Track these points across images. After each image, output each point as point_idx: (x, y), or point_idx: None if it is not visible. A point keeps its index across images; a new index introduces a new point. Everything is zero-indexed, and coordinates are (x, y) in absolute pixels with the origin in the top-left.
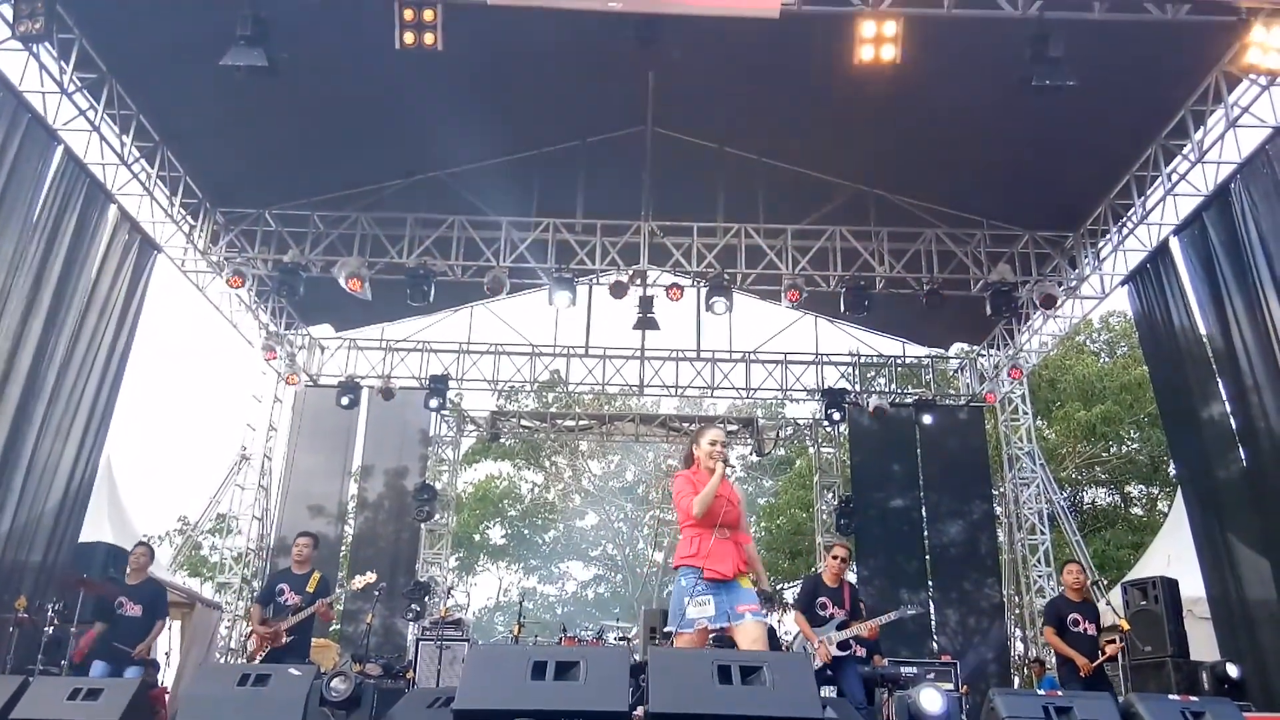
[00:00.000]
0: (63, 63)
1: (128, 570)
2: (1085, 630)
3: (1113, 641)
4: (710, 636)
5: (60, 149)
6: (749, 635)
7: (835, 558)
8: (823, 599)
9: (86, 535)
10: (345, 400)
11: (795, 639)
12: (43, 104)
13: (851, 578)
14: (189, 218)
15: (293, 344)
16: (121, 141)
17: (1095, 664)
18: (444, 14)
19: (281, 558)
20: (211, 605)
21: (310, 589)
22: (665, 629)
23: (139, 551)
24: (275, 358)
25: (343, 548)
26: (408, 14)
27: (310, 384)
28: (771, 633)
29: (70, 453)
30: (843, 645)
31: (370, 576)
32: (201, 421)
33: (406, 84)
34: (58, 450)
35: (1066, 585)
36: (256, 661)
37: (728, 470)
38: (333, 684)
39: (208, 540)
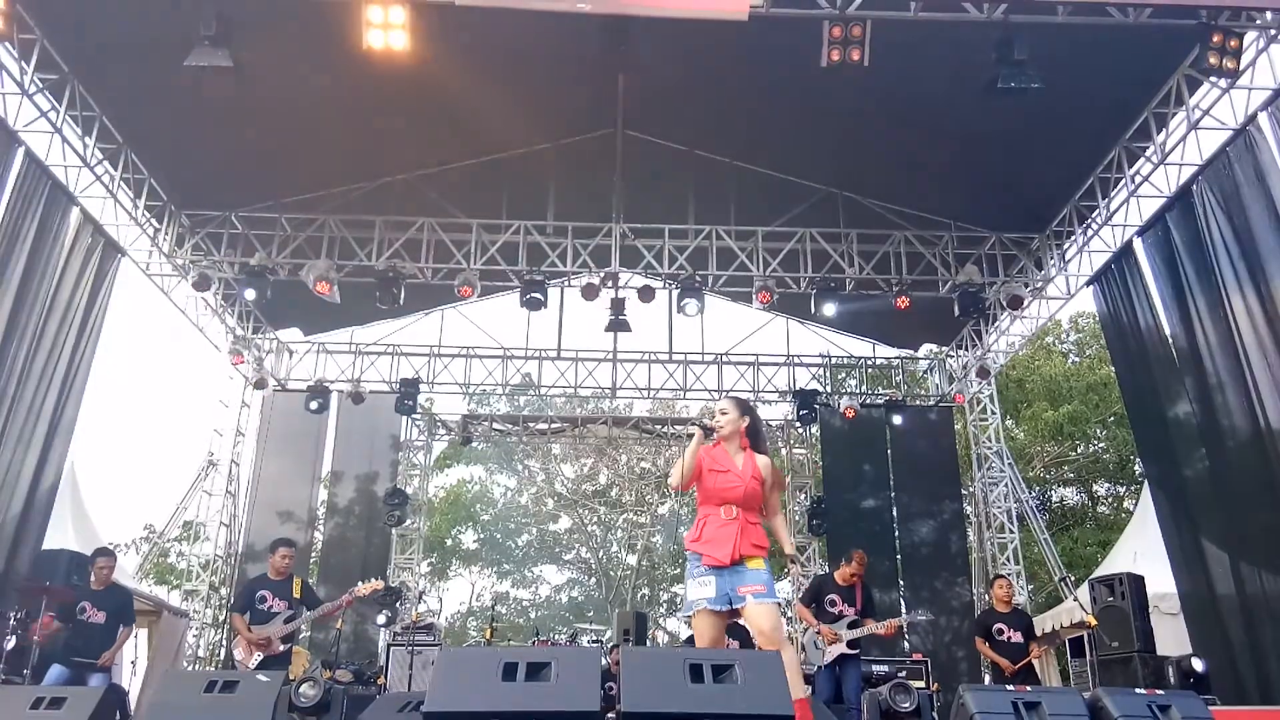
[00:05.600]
0: (23, 63)
1: (92, 579)
2: (1010, 639)
3: (1041, 645)
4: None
5: (21, 151)
6: (754, 621)
7: (852, 561)
8: (832, 595)
9: (50, 543)
10: (314, 405)
11: (805, 632)
12: (2, 105)
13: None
14: (153, 220)
15: (260, 348)
16: (84, 143)
17: (1018, 665)
18: (412, 14)
19: (250, 565)
20: (178, 613)
21: (296, 595)
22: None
23: (101, 563)
24: (242, 362)
25: (313, 554)
26: (375, 15)
27: (278, 388)
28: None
29: (32, 461)
30: (852, 644)
31: (378, 583)
32: (167, 427)
33: (374, 85)
34: (19, 458)
35: (996, 598)
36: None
37: (728, 440)
38: (301, 690)
39: (175, 548)
